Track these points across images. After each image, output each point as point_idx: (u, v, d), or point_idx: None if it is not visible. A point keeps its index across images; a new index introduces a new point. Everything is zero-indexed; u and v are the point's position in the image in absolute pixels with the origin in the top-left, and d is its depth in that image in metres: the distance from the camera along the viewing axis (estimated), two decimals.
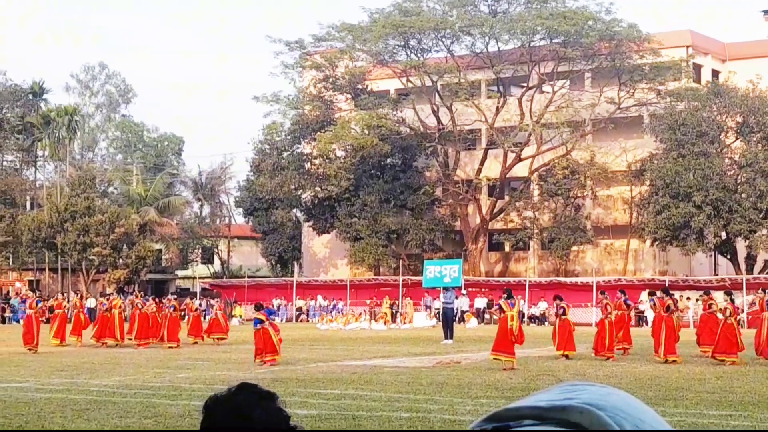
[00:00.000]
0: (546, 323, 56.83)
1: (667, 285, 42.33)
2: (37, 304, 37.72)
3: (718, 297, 33.38)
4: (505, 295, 28.68)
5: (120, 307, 39.12)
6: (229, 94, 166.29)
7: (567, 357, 29.35)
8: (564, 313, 30.72)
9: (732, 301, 29.83)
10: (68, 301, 45.33)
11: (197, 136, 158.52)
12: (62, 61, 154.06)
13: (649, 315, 55.82)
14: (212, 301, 57.99)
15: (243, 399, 2.15)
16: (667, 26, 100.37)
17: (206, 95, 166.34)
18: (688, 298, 56.69)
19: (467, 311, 60.68)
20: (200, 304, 54.62)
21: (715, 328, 28.88)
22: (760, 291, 30.78)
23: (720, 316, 29.34)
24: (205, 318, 45.95)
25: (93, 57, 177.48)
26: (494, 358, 26.28)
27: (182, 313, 42.56)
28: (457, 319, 50.38)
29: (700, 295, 34.09)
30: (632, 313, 43.54)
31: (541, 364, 27.70)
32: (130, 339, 37.99)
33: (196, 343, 38.80)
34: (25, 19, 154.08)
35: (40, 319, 37.60)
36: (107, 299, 42.48)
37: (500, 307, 28.40)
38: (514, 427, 1.41)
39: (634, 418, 1.42)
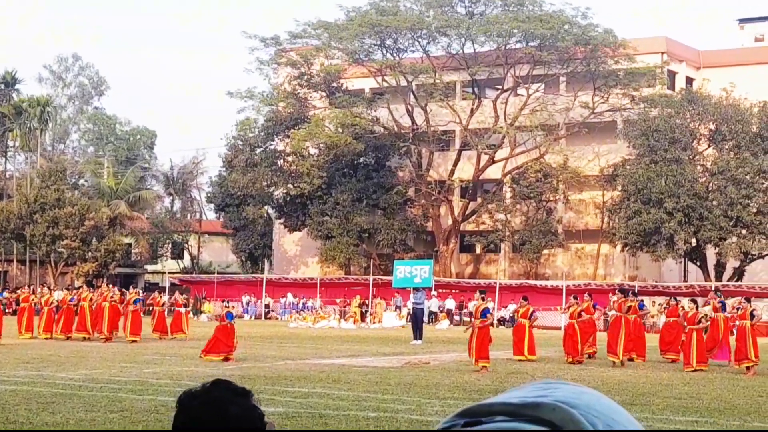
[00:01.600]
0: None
1: (626, 287, 42.52)
2: None
3: (685, 303, 33.50)
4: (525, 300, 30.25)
5: (90, 300, 38.85)
6: (202, 89, 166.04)
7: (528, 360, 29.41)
8: (527, 316, 30.74)
9: (696, 308, 30.04)
10: (34, 294, 44.87)
11: (170, 130, 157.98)
12: (35, 51, 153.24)
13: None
14: (172, 298, 57.56)
15: (218, 395, 2.10)
16: (642, 32, 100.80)
17: (180, 89, 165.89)
18: (660, 304, 56.95)
19: (436, 312, 60.72)
20: (168, 299, 54.25)
21: (680, 335, 29.14)
22: (743, 299, 30.90)
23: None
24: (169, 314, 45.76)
25: (66, 48, 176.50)
26: (483, 366, 25.89)
27: (149, 308, 42.36)
28: (427, 320, 50.39)
29: (666, 302, 34.34)
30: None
31: (510, 366, 27.72)
32: (98, 335, 37.69)
33: (161, 338, 38.65)
34: None
35: (5, 311, 37.31)
36: (76, 292, 42.22)
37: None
38: (485, 422, 1.39)
39: (607, 417, 1.40)
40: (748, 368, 27.01)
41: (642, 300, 36.23)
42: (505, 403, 1.40)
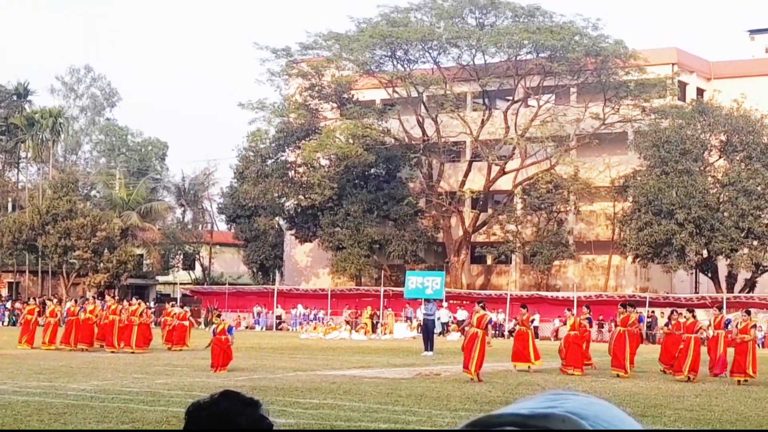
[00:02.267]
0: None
1: (627, 300, 42.50)
2: None
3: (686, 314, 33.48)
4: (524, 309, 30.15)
5: (96, 314, 38.80)
6: (214, 101, 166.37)
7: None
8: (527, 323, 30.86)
9: (694, 317, 30.14)
10: (41, 306, 44.82)
11: (181, 142, 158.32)
12: (48, 63, 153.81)
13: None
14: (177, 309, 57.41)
15: (227, 405, 2.11)
16: (653, 43, 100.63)
17: (191, 101, 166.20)
18: (670, 316, 56.78)
19: (447, 323, 60.67)
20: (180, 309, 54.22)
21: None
22: (743, 312, 30.86)
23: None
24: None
25: (79, 60, 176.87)
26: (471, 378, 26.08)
27: (158, 320, 42.35)
28: (438, 331, 50.34)
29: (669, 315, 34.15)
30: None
31: (520, 377, 27.70)
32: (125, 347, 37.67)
33: (170, 349, 38.72)
34: (11, 20, 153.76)
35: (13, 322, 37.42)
36: (82, 304, 42.22)
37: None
38: None
39: (616, 428, 1.41)
40: (739, 382, 26.95)
41: (641, 314, 36.27)
42: (515, 414, 1.40)
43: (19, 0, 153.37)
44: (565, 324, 30.92)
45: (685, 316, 29.71)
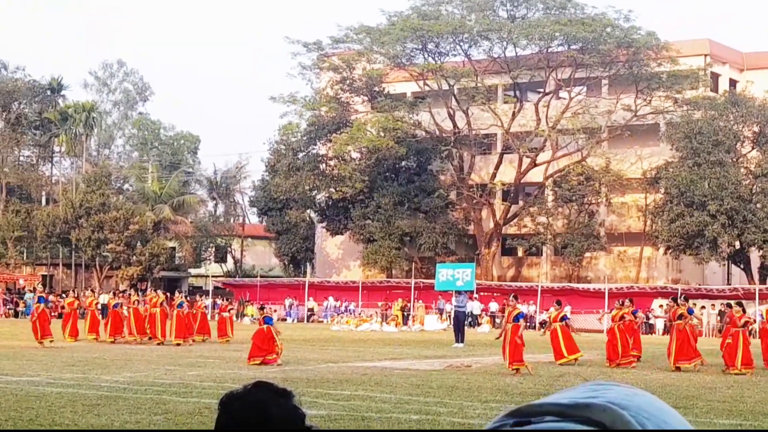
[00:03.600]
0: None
1: (679, 293, 42.01)
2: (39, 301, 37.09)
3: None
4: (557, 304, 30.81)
5: (135, 303, 39.22)
6: (246, 94, 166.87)
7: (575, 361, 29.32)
8: (564, 319, 30.65)
9: (743, 311, 29.70)
10: (79, 299, 45.28)
11: (213, 135, 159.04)
12: (81, 57, 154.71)
13: (660, 323, 55.93)
14: (217, 302, 57.83)
15: (259, 396, 2.14)
16: (685, 35, 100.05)
17: (223, 95, 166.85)
18: (703, 307, 56.60)
19: (479, 315, 60.71)
20: (211, 303, 54.66)
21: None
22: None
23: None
24: (213, 318, 46.17)
25: (111, 54, 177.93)
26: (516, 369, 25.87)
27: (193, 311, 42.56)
28: (469, 322, 50.38)
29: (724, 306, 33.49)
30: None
31: (552, 369, 27.67)
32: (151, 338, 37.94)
33: (204, 341, 38.99)
34: (45, 15, 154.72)
35: (52, 314, 37.69)
36: (123, 296, 42.65)
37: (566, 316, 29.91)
38: (535, 422, 1.40)
39: (658, 419, 1.42)
40: None
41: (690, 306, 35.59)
42: (555, 404, 1.41)
43: None
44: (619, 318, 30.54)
45: (735, 309, 29.29)
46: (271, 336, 27.80)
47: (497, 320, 60.46)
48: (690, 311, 31.40)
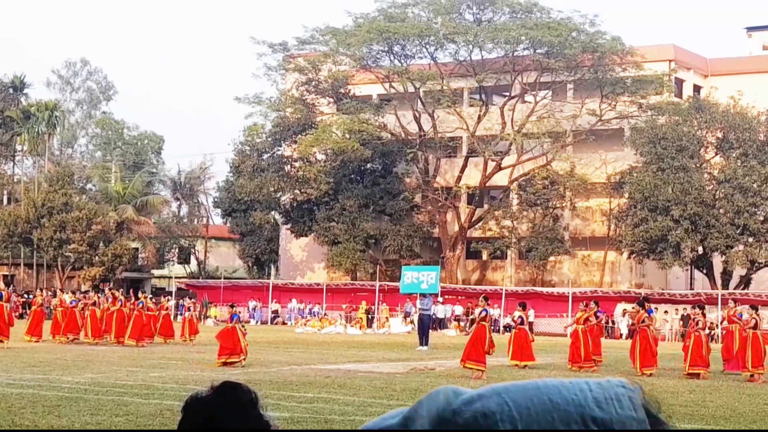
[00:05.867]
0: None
1: (643, 296, 42.07)
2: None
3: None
4: (521, 308, 30.84)
5: (96, 304, 38.91)
6: (210, 95, 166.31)
7: (523, 367, 29.27)
8: (522, 323, 30.72)
9: (704, 315, 29.90)
10: (43, 297, 44.93)
11: (177, 136, 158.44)
12: (44, 56, 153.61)
13: (623, 328, 56.17)
14: (183, 302, 57.61)
15: (220, 408, 2.07)
16: (650, 40, 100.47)
17: (188, 95, 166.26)
18: (666, 312, 56.95)
19: (443, 318, 60.73)
20: (174, 304, 54.35)
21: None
22: (730, 303, 30.87)
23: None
24: (176, 318, 45.95)
25: (75, 53, 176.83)
26: (466, 367, 26.29)
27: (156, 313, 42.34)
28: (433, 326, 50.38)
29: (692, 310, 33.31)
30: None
31: (515, 373, 27.70)
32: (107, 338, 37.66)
33: (167, 342, 38.76)
34: (7, 13, 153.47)
35: (14, 314, 37.31)
36: (83, 296, 42.28)
37: (521, 318, 30.06)
38: None
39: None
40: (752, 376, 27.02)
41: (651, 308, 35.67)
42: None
43: None
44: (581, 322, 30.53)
45: (748, 313, 29.40)
46: (236, 335, 27.70)
47: (462, 323, 60.61)
48: (649, 312, 31.45)
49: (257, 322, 66.31)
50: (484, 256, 74.16)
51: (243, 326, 28.47)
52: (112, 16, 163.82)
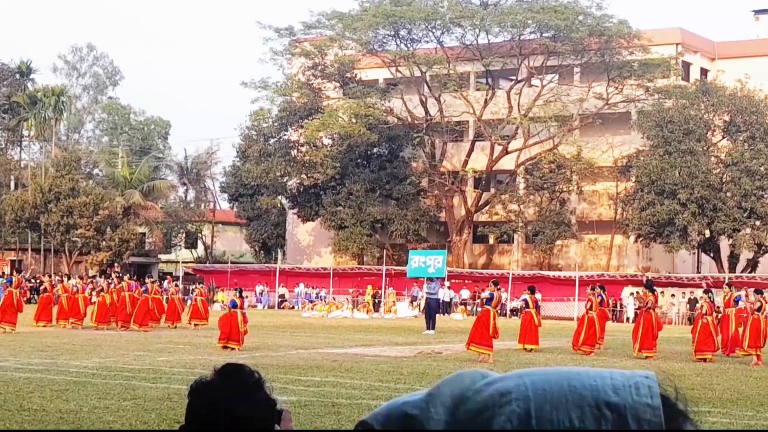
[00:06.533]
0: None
1: (647, 279, 42.02)
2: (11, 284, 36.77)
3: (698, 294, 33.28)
4: (529, 291, 30.95)
5: (103, 290, 38.95)
6: (217, 79, 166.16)
7: (529, 350, 29.29)
8: (527, 306, 30.78)
9: (711, 299, 29.86)
10: (54, 284, 44.97)
11: (184, 121, 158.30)
12: (50, 41, 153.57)
13: (630, 311, 56.18)
14: (192, 287, 57.69)
15: (226, 393, 2.06)
16: (657, 23, 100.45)
17: (194, 79, 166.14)
18: (673, 295, 56.94)
19: (450, 302, 60.78)
20: (182, 288, 54.41)
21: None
22: (725, 287, 30.89)
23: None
24: (186, 303, 46.00)
25: (81, 38, 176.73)
26: (471, 350, 26.37)
27: (166, 297, 42.46)
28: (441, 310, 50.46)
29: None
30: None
31: (522, 356, 27.73)
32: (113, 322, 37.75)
33: (175, 327, 38.86)
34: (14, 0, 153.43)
35: (23, 299, 37.37)
36: (91, 281, 42.37)
37: (525, 302, 29.50)
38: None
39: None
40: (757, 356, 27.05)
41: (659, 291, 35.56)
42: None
43: None
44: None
45: (755, 298, 29.39)
46: (235, 321, 27.81)
47: (468, 307, 60.67)
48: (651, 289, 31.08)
49: (264, 306, 66.40)
50: (491, 240, 74.14)
51: (242, 312, 28.44)
52: (117, 1, 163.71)
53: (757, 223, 59.77)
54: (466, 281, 64.76)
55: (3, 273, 71.83)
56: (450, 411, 1.40)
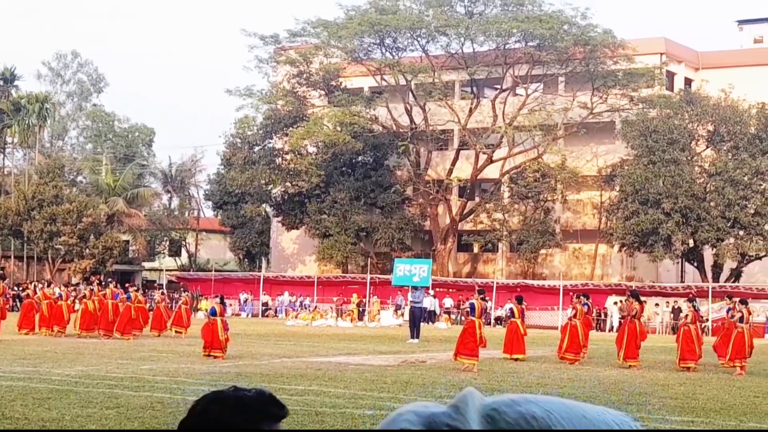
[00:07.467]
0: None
1: (632, 289, 42.08)
2: None
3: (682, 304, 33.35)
4: (516, 301, 30.88)
5: (85, 296, 38.82)
6: (201, 87, 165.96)
7: (514, 360, 29.22)
8: (512, 315, 30.76)
9: (695, 308, 29.91)
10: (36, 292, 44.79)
11: (168, 128, 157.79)
12: (34, 48, 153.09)
13: (615, 320, 56.25)
14: (176, 295, 57.58)
15: (215, 412, 1.94)
16: (641, 33, 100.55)
17: (179, 87, 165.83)
18: (657, 304, 57.03)
19: (435, 312, 60.74)
20: (165, 296, 54.18)
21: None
22: (726, 298, 30.90)
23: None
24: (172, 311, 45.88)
25: (65, 45, 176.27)
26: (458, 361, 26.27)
27: (149, 306, 42.37)
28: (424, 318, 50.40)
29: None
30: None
31: (506, 365, 27.71)
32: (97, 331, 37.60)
33: (159, 335, 38.75)
34: None
35: (6, 307, 37.18)
36: (74, 289, 42.19)
37: (511, 311, 29.61)
38: None
39: None
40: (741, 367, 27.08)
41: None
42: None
43: None
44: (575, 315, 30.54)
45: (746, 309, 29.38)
46: (215, 329, 27.75)
47: (452, 316, 60.65)
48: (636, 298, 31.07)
49: (248, 314, 66.27)
50: (476, 249, 74.19)
51: (222, 320, 28.35)
52: (102, 8, 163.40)
53: (741, 232, 59.92)
54: (450, 290, 64.74)
55: None
56: (481, 425, 1.40)
